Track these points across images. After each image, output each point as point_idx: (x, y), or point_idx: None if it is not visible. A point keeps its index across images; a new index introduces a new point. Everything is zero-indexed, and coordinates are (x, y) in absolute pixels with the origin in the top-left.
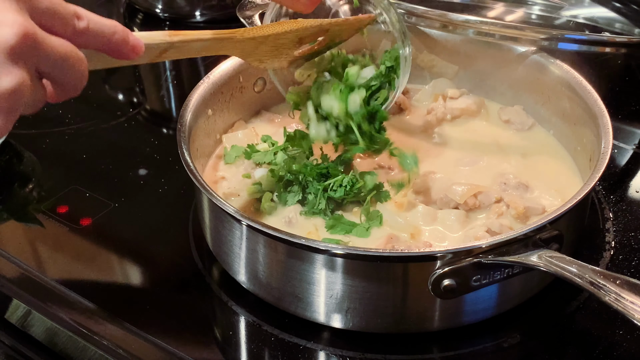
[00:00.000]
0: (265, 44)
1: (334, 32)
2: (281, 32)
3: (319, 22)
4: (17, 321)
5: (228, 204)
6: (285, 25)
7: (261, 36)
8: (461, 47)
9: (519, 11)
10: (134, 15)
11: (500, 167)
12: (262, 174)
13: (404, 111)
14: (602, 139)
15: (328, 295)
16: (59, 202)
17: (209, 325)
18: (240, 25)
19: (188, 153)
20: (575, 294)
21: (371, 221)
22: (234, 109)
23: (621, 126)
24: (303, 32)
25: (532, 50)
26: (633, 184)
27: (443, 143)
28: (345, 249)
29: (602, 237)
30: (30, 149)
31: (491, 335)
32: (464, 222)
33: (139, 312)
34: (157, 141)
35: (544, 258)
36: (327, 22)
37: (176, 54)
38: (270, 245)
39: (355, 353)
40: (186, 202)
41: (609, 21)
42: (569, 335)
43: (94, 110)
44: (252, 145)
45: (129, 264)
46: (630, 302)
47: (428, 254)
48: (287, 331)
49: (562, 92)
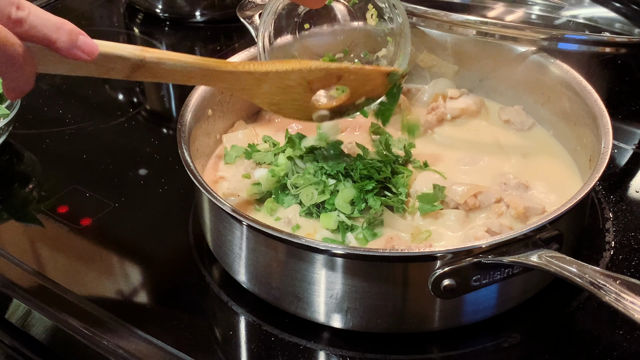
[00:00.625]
0: (267, 83)
1: (350, 81)
2: (282, 70)
3: (325, 65)
4: (17, 321)
5: (228, 204)
6: (286, 64)
7: (260, 72)
8: (461, 47)
9: (519, 11)
10: (134, 15)
11: (500, 167)
12: (262, 174)
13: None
14: (602, 139)
15: (328, 295)
16: (59, 202)
17: (209, 325)
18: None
19: (188, 153)
20: (575, 294)
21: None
22: (234, 109)
23: (621, 126)
24: (308, 75)
25: (532, 50)
26: (633, 184)
27: (443, 143)
28: (345, 249)
29: (602, 237)
30: (30, 149)
31: (491, 335)
32: (464, 222)
33: (139, 312)
34: (157, 141)
35: (544, 258)
36: (336, 67)
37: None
38: (270, 245)
39: (355, 353)
40: (186, 202)
41: (609, 21)
42: (569, 335)
43: (94, 110)
44: (253, 145)
45: (129, 264)
46: (630, 302)
47: (428, 254)
48: (287, 331)
49: (562, 92)
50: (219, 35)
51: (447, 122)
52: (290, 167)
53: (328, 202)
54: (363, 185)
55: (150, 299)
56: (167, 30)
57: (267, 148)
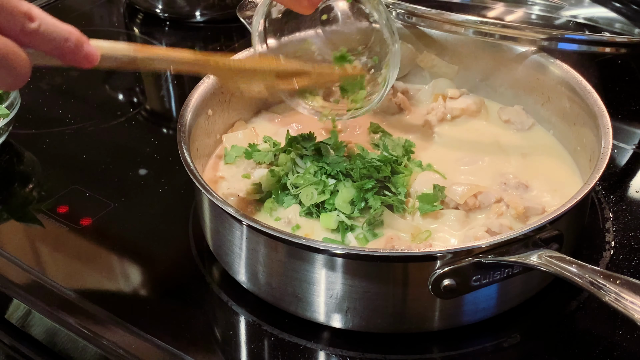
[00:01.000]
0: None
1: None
2: (259, 69)
3: (300, 67)
4: (17, 321)
5: (228, 204)
6: (264, 63)
7: (238, 68)
8: (461, 47)
9: (519, 11)
10: (134, 15)
11: (500, 167)
12: (262, 174)
13: (404, 111)
14: (602, 139)
15: (328, 295)
16: (59, 202)
17: (209, 325)
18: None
19: (188, 153)
20: (575, 294)
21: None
22: (234, 109)
23: (621, 126)
24: (283, 73)
25: (532, 50)
26: (633, 184)
27: (443, 143)
28: (345, 249)
29: (602, 237)
30: (30, 149)
31: (491, 335)
32: (464, 222)
33: (139, 312)
34: (157, 141)
35: (544, 258)
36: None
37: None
38: (270, 245)
39: (355, 353)
40: (186, 202)
41: (609, 21)
42: (569, 335)
43: (94, 110)
44: (253, 145)
45: (129, 264)
46: (630, 302)
47: (428, 254)
48: (287, 331)
49: (562, 92)
50: (219, 35)
51: (447, 122)
52: (290, 167)
53: (328, 202)
54: (362, 184)
55: (150, 299)
56: (167, 30)
57: (267, 148)
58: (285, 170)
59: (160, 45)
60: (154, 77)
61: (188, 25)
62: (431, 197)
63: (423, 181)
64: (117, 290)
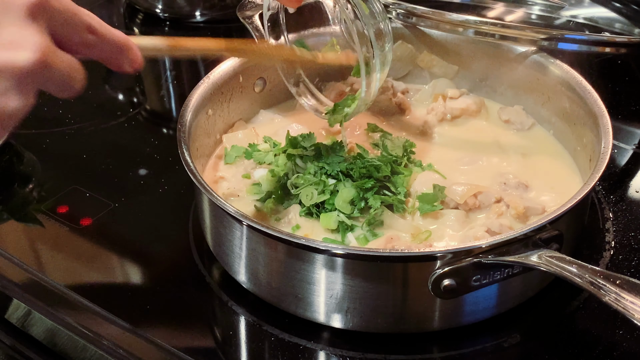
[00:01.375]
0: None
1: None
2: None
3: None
4: (17, 321)
5: (228, 204)
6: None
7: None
8: (461, 47)
9: (519, 11)
10: (134, 15)
11: (500, 167)
12: (262, 174)
13: (404, 111)
14: (602, 139)
15: (328, 295)
16: (59, 202)
17: (209, 325)
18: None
19: (188, 153)
20: (575, 294)
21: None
22: (234, 109)
23: (621, 126)
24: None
25: (532, 50)
26: (633, 184)
27: (443, 143)
28: (345, 249)
29: (602, 237)
30: (30, 149)
31: (491, 335)
32: (464, 222)
33: (139, 312)
34: (157, 141)
35: (544, 258)
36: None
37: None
38: (270, 245)
39: (355, 353)
40: (186, 202)
41: (609, 21)
42: (569, 335)
43: (94, 110)
44: (253, 145)
45: (129, 264)
46: (630, 302)
47: (428, 254)
48: (287, 331)
49: (562, 92)
50: (219, 35)
51: (447, 122)
52: (290, 167)
53: (328, 202)
54: (362, 184)
55: (150, 299)
56: (167, 30)
57: (267, 148)
58: (285, 170)
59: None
60: (154, 77)
61: (188, 25)
62: (431, 197)
63: (423, 181)
64: (117, 290)
